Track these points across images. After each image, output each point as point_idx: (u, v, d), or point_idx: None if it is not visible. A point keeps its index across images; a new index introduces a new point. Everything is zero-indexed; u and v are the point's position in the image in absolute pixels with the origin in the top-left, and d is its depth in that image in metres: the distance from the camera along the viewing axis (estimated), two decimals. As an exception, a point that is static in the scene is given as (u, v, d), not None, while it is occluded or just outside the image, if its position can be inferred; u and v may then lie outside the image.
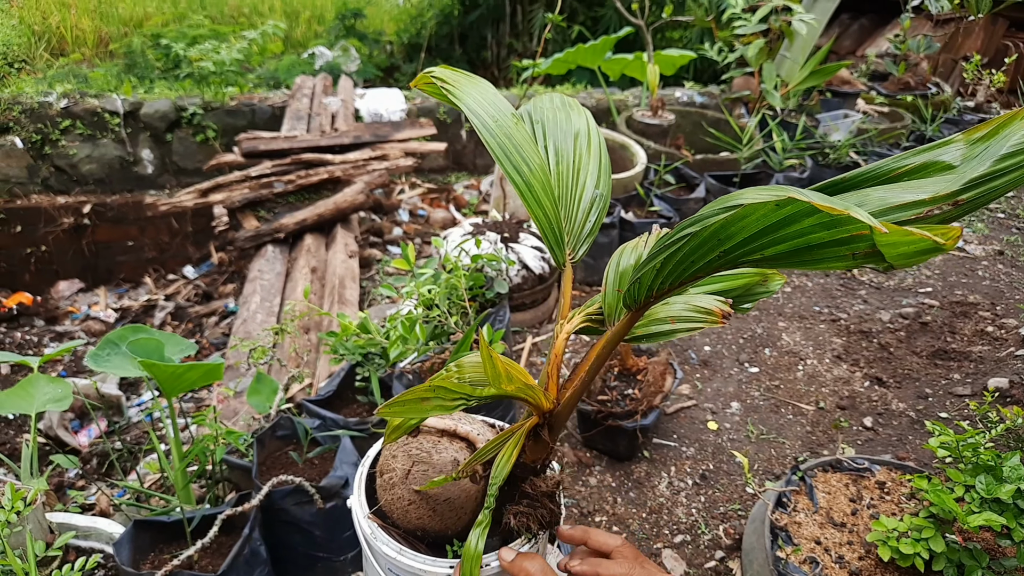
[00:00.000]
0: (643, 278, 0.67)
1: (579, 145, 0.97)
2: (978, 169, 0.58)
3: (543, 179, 0.88)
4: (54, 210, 4.47)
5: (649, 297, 0.70)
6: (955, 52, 5.98)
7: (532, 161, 0.87)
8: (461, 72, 0.89)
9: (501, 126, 0.85)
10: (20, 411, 1.81)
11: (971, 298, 3.15)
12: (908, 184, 0.62)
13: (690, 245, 0.59)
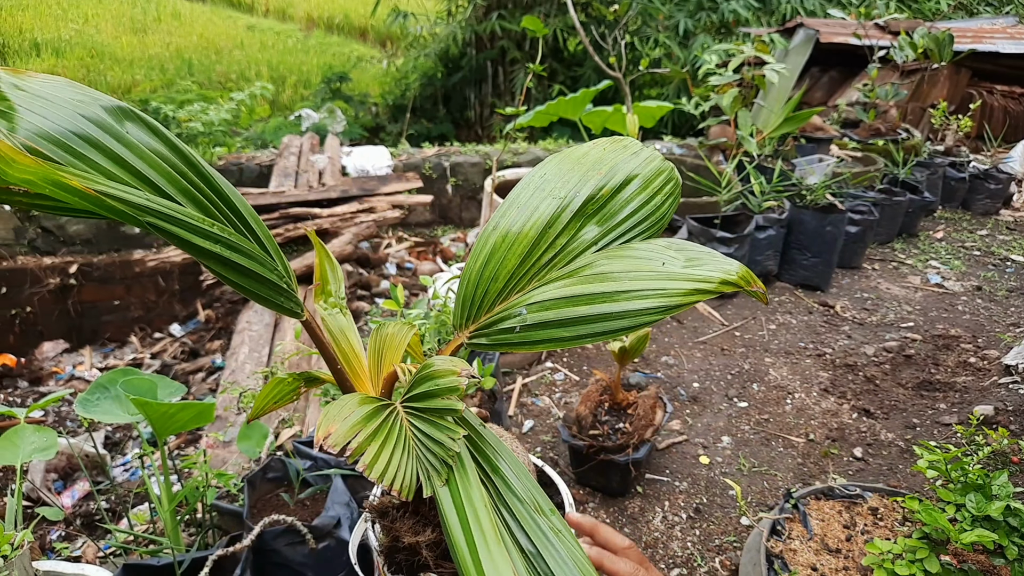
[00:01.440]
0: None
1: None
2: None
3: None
4: (40, 271, 4.46)
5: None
6: (922, 100, 6.20)
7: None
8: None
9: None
10: (5, 462, 1.78)
11: (952, 331, 3.20)
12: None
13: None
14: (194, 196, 0.67)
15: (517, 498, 0.63)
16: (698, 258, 0.68)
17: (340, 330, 0.83)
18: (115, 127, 0.62)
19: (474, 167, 5.36)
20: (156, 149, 0.65)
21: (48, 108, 0.58)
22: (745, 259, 3.51)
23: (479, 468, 0.65)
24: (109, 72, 8.29)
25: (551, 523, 0.62)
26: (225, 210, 0.70)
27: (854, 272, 3.97)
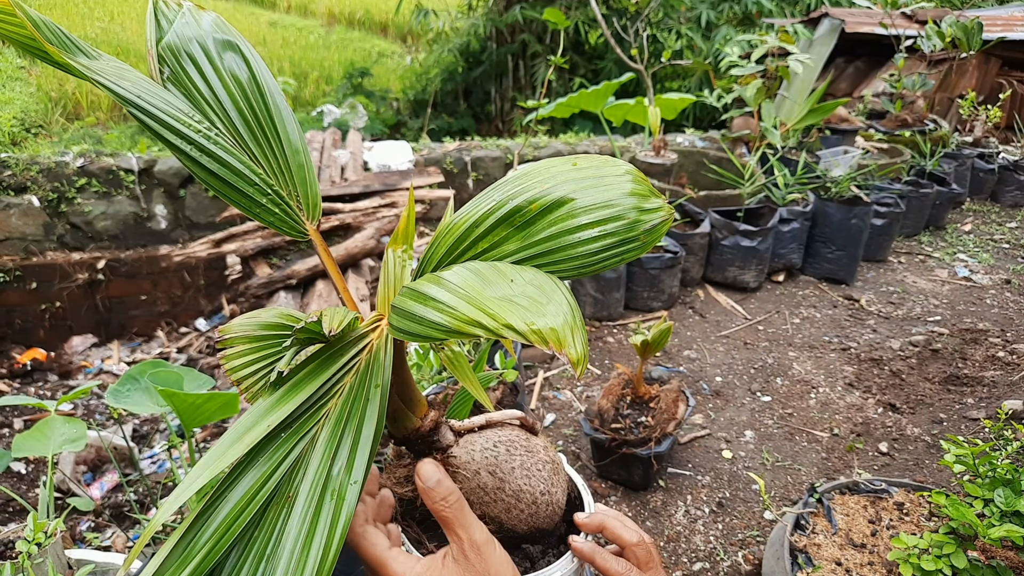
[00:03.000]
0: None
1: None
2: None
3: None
4: (69, 266, 4.54)
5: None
6: (950, 90, 6.09)
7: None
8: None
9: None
10: (37, 453, 1.82)
11: (980, 325, 3.16)
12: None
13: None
14: (245, 116, 0.77)
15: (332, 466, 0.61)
16: (539, 301, 0.56)
17: (390, 270, 0.85)
18: (212, 53, 0.78)
19: (495, 161, 5.36)
20: (235, 75, 0.78)
21: (186, 28, 0.77)
22: (769, 252, 3.48)
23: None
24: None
25: (329, 509, 0.59)
26: (270, 134, 0.78)
27: (880, 265, 3.92)
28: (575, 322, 0.53)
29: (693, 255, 3.45)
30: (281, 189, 0.76)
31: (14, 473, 3.15)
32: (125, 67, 0.73)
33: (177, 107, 0.72)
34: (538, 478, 0.81)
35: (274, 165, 0.78)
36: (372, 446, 0.61)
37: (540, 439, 0.84)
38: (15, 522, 2.85)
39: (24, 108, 6.57)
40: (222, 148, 0.72)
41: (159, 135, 0.67)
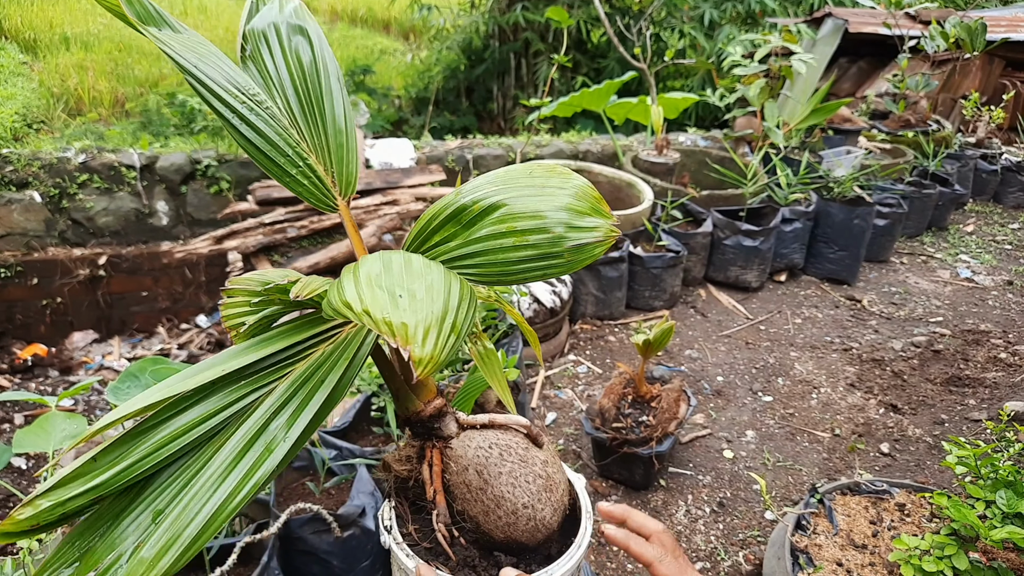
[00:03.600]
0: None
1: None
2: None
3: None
4: (70, 262, 4.54)
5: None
6: (954, 91, 6.08)
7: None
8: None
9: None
10: (38, 449, 1.82)
11: (982, 326, 3.15)
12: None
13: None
14: (299, 94, 0.84)
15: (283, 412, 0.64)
16: (416, 297, 0.54)
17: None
18: (284, 36, 0.86)
19: (497, 159, 5.35)
20: (299, 57, 0.86)
21: (269, 13, 0.88)
22: (771, 251, 3.48)
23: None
24: (137, 65, 8.37)
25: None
26: (317, 112, 0.84)
27: (882, 266, 3.91)
28: (440, 324, 0.51)
29: (695, 254, 3.44)
30: (316, 163, 0.80)
31: (15, 468, 3.15)
32: (202, 43, 0.80)
33: (234, 80, 0.77)
34: (524, 490, 0.80)
35: (317, 141, 0.82)
36: (319, 411, 0.62)
37: (543, 452, 0.83)
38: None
39: (26, 103, 6.56)
40: (262, 120, 0.76)
41: (207, 101, 0.74)
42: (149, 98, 7.34)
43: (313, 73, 0.85)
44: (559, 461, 0.86)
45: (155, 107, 6.95)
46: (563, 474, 0.86)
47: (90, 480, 0.55)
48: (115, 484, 0.56)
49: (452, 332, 0.51)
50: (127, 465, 0.56)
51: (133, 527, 0.55)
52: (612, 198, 3.78)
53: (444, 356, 0.49)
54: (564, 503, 0.84)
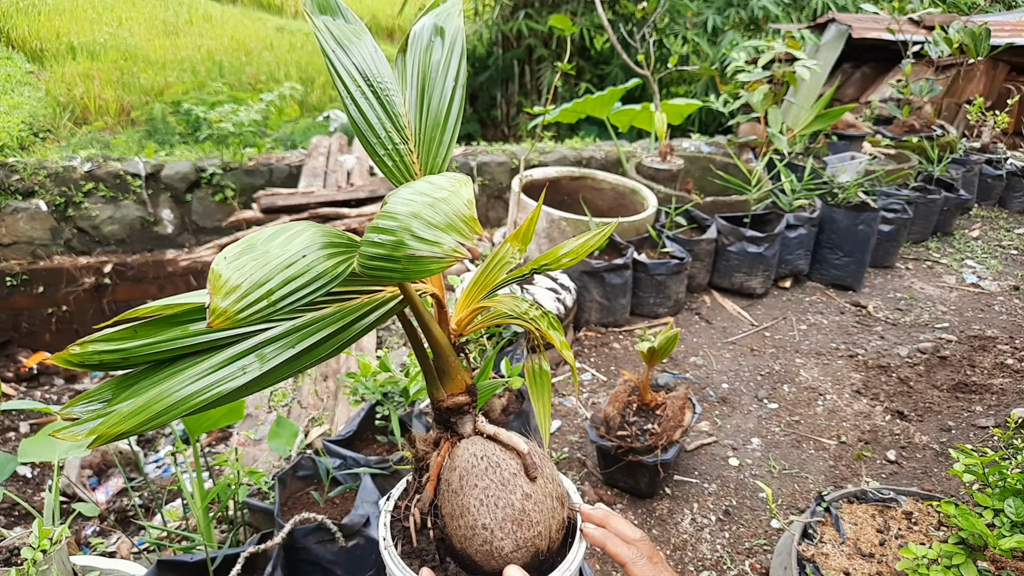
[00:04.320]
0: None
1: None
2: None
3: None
4: (76, 270, 4.55)
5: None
6: (958, 96, 6.07)
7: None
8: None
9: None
10: (43, 458, 1.82)
11: (989, 332, 3.14)
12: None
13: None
14: (416, 87, 0.93)
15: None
16: (261, 259, 0.60)
17: (499, 254, 0.98)
18: (425, 35, 0.96)
19: (500, 166, 5.36)
20: (431, 54, 0.95)
21: (430, 15, 0.98)
22: (776, 258, 3.47)
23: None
24: (142, 74, 8.42)
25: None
26: (424, 104, 0.93)
27: (887, 271, 3.90)
28: (254, 288, 0.55)
29: (699, 261, 3.44)
30: (408, 150, 0.88)
31: (20, 477, 3.16)
32: (357, 34, 0.91)
33: (363, 67, 0.88)
34: (488, 511, 0.79)
35: (417, 131, 0.90)
36: (293, 359, 0.71)
37: (531, 486, 0.81)
38: (21, 526, 2.85)
39: (33, 113, 6.60)
40: (367, 102, 0.86)
41: (333, 79, 0.84)
42: (155, 106, 7.38)
43: (433, 70, 0.93)
44: (553, 503, 0.83)
45: (160, 115, 6.98)
46: (550, 517, 0.82)
47: (126, 343, 0.68)
48: (142, 352, 0.68)
49: (263, 298, 0.55)
50: (154, 342, 0.69)
51: (144, 386, 0.68)
52: (616, 204, 3.78)
53: (242, 316, 0.53)
54: (537, 546, 0.81)
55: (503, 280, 0.93)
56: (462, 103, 0.92)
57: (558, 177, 3.79)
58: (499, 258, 0.92)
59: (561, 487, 0.87)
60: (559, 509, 0.84)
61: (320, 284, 0.60)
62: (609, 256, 3.21)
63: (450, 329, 0.87)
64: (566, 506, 0.86)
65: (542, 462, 0.85)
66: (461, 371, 0.86)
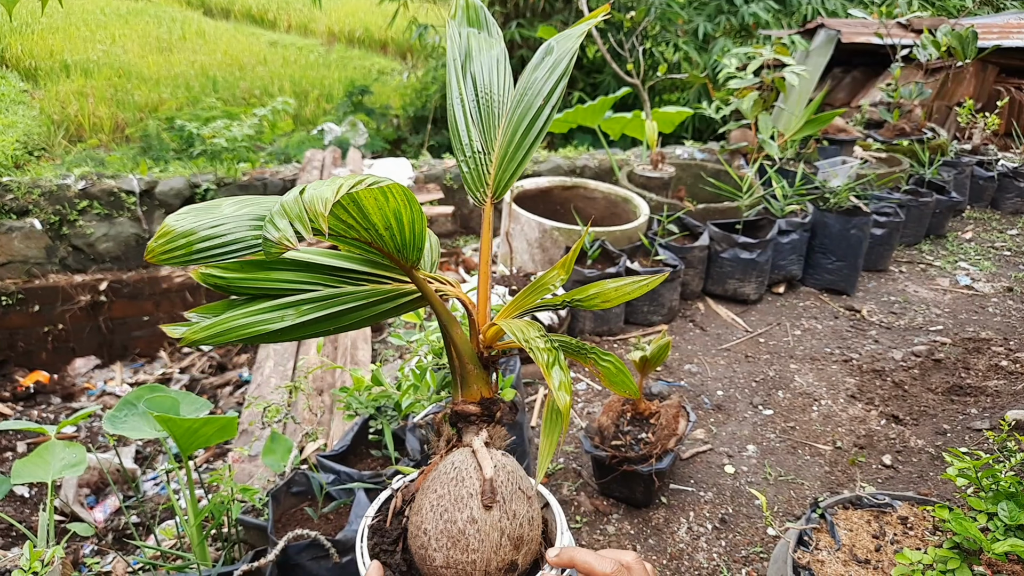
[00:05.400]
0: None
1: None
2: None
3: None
4: (71, 288, 4.55)
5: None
6: (948, 98, 6.10)
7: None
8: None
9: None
10: (37, 479, 1.82)
11: (983, 334, 3.15)
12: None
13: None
14: (516, 103, 0.99)
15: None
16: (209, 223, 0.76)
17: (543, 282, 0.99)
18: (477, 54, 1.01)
19: (494, 177, 5.37)
20: (489, 72, 1.01)
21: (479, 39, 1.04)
22: (768, 263, 3.48)
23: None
24: (136, 91, 8.44)
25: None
26: (485, 117, 0.99)
27: (880, 275, 3.91)
28: (184, 236, 0.71)
29: (692, 268, 3.44)
30: (482, 157, 0.94)
31: (17, 497, 3.15)
32: (493, 45, 1.00)
33: (480, 78, 0.97)
34: (432, 520, 0.80)
35: (502, 142, 0.95)
36: (323, 319, 0.82)
37: (482, 513, 0.79)
38: (18, 546, 2.83)
39: (27, 131, 6.62)
40: (467, 111, 0.94)
41: (448, 84, 0.94)
42: (149, 123, 7.39)
43: (532, 87, 0.96)
44: (501, 540, 0.79)
45: (155, 132, 6.99)
46: (492, 552, 0.79)
47: (231, 273, 0.79)
48: (238, 284, 0.80)
49: (183, 246, 0.71)
50: (246, 277, 0.80)
51: (223, 311, 0.80)
52: (609, 213, 3.79)
53: (163, 256, 0.70)
54: (469, 573, 0.79)
55: (536, 305, 0.93)
56: (548, 122, 0.94)
57: (550, 187, 3.80)
58: (541, 284, 0.92)
59: (526, 530, 0.82)
60: (508, 549, 0.80)
61: (237, 247, 0.72)
62: (602, 265, 3.22)
63: (479, 340, 0.88)
64: (522, 551, 0.81)
65: (509, 496, 0.81)
66: (478, 382, 0.88)
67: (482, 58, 0.99)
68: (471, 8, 1.02)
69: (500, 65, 0.99)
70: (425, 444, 1.87)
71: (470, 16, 1.02)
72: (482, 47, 1.00)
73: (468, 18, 1.01)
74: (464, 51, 0.98)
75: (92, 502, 3.15)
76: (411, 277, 0.82)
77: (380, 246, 0.76)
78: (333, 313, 0.82)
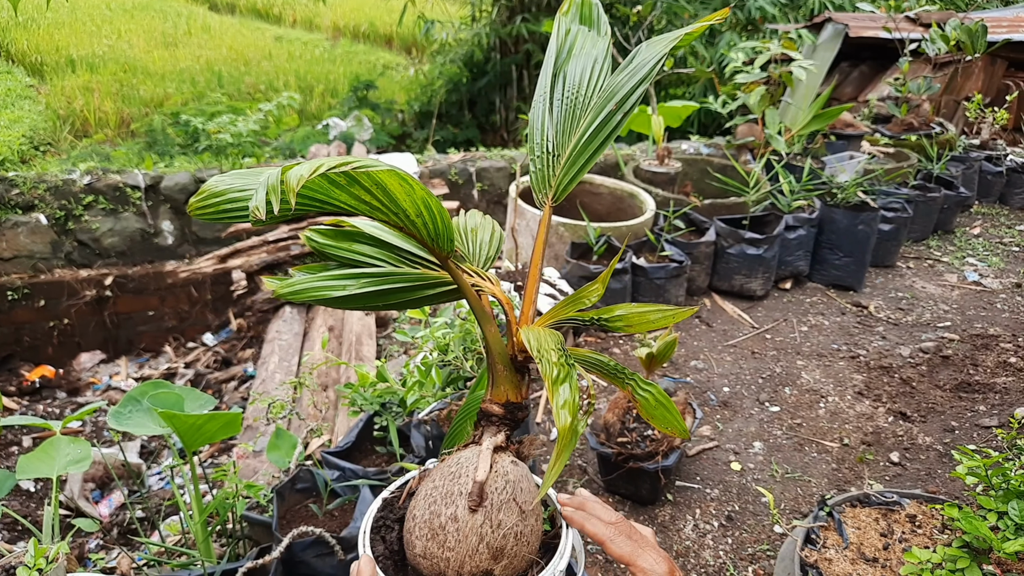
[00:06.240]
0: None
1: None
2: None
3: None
4: (77, 283, 4.56)
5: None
6: (956, 93, 6.06)
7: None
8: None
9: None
10: (42, 475, 1.81)
11: (991, 330, 3.12)
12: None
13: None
14: (599, 100, 0.98)
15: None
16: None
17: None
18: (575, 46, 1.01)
19: (500, 172, 5.36)
20: (582, 73, 0.98)
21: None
22: (775, 259, 3.46)
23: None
24: (142, 86, 8.44)
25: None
26: (568, 119, 0.98)
27: (888, 271, 3.88)
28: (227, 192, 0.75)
29: (699, 264, 3.42)
30: (549, 157, 0.94)
31: (23, 491, 3.15)
32: (598, 43, 0.99)
33: (574, 76, 0.96)
34: (421, 508, 0.81)
35: (574, 142, 0.94)
36: (374, 292, 0.88)
37: (466, 514, 0.78)
38: (24, 540, 2.84)
39: (33, 126, 6.62)
40: (549, 107, 0.95)
41: (541, 78, 0.95)
42: (154, 118, 7.39)
43: (610, 90, 0.93)
44: (478, 546, 0.77)
45: (160, 127, 6.99)
46: (466, 555, 0.77)
47: (325, 239, 0.88)
48: (329, 250, 0.88)
49: (211, 205, 0.75)
50: (336, 245, 0.88)
51: (309, 272, 0.88)
52: (614, 209, 3.77)
53: (195, 210, 0.75)
54: (441, 569, 0.78)
55: (570, 316, 0.92)
56: (618, 127, 0.92)
57: (556, 182, 3.78)
58: (580, 296, 0.92)
59: (509, 543, 0.79)
60: (484, 557, 0.78)
61: (243, 214, 0.75)
62: (607, 260, 3.20)
63: (513, 342, 0.87)
64: (501, 563, 0.79)
65: (499, 505, 0.79)
66: (506, 383, 0.87)
67: (581, 56, 0.98)
68: (586, 5, 1.01)
69: (597, 64, 0.97)
70: (430, 441, 1.86)
71: (583, 13, 1.01)
72: (584, 45, 0.99)
73: (581, 15, 1.00)
74: (566, 48, 0.98)
75: (97, 497, 3.15)
76: (445, 267, 0.84)
77: (414, 232, 0.76)
78: (384, 290, 0.87)
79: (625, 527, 0.82)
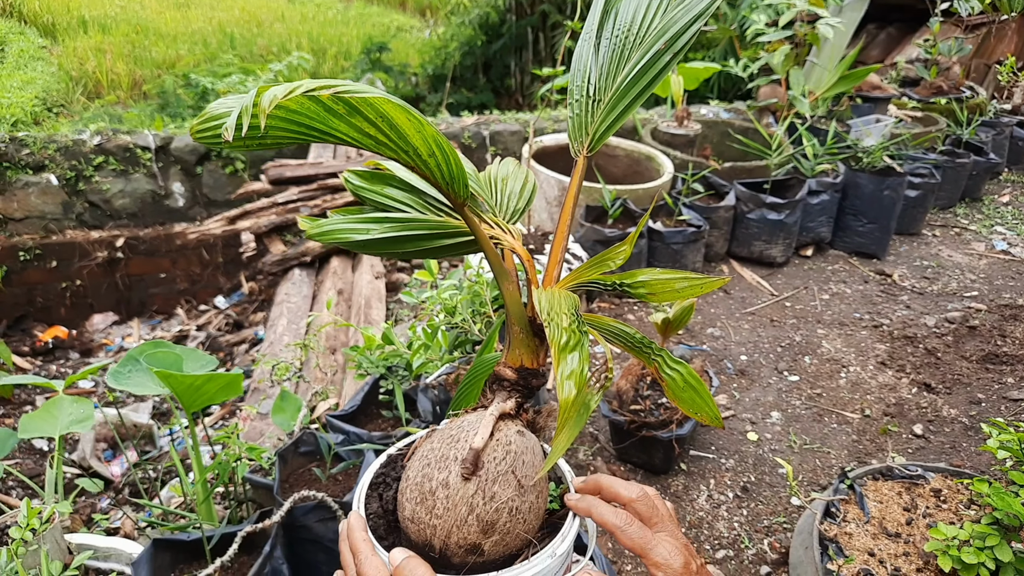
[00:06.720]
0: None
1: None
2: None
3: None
4: (88, 245, 4.53)
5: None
6: (988, 56, 5.85)
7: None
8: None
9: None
10: (44, 434, 1.79)
11: (1020, 301, 3.02)
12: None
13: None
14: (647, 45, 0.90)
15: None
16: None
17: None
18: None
19: (514, 135, 5.25)
20: (634, 13, 0.89)
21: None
22: (797, 225, 3.36)
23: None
24: (154, 47, 8.35)
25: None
26: (609, 76, 0.90)
27: (913, 239, 3.77)
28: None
29: (717, 229, 3.33)
30: (589, 104, 0.87)
31: (37, 450, 3.16)
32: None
33: (626, 16, 0.88)
34: (415, 469, 0.77)
35: (615, 89, 0.86)
36: (390, 240, 0.87)
37: (458, 481, 0.73)
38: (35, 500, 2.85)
39: (46, 87, 6.56)
40: (596, 50, 0.88)
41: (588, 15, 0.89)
42: (166, 80, 7.32)
43: (658, 32, 0.85)
44: (468, 517, 0.72)
45: (171, 89, 6.92)
46: (453, 524, 0.73)
47: (362, 181, 0.88)
48: (363, 192, 0.88)
49: (209, 128, 0.66)
50: (369, 188, 0.88)
51: (341, 214, 0.88)
52: (631, 171, 3.67)
53: (194, 133, 0.67)
54: (427, 536, 0.74)
55: (593, 279, 0.84)
56: (665, 70, 0.83)
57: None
58: (605, 258, 0.85)
59: (502, 518, 0.73)
60: (472, 529, 0.72)
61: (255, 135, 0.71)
62: (623, 225, 3.12)
63: (533, 303, 0.81)
64: (491, 539, 0.73)
65: (494, 476, 0.73)
66: (522, 347, 0.80)
67: None
68: None
69: (654, 4, 0.87)
70: (437, 405, 1.81)
71: None
72: None
73: None
74: None
75: (109, 456, 3.15)
76: (461, 214, 0.76)
77: (426, 174, 0.69)
78: (404, 236, 0.85)
79: (645, 507, 0.74)
